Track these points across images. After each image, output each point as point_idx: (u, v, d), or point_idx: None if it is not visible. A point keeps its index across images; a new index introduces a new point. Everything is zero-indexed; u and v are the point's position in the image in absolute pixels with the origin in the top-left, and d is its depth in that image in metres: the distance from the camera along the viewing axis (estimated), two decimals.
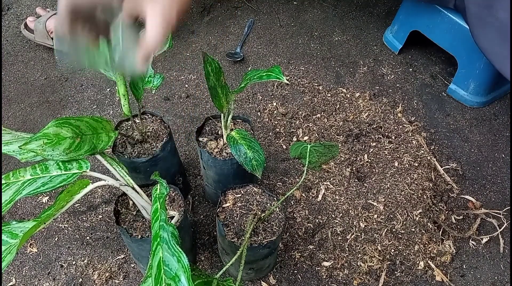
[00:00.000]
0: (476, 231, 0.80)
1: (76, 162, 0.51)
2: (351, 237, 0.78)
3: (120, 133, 0.69)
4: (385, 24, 1.18)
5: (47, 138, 0.48)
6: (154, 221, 0.44)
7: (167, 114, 0.99)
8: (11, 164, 0.91)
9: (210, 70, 0.57)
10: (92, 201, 0.85)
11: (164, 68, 1.09)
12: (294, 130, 0.95)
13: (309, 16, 1.23)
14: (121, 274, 0.75)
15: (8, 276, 0.75)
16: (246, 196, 0.66)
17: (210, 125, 0.73)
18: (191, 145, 0.94)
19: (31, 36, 1.13)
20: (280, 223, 0.62)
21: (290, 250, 0.77)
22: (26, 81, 1.08)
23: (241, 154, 0.61)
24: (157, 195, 0.48)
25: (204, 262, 0.77)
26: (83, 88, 1.06)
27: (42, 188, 0.48)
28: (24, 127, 0.98)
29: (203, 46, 1.15)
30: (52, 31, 1.09)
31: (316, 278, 0.75)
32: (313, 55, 1.12)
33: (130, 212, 0.62)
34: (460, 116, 0.99)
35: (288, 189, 0.85)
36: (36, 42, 1.14)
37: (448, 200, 0.84)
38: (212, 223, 0.82)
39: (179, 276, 0.39)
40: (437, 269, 0.75)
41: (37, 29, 1.11)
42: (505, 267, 0.77)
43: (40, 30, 1.11)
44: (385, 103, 1.00)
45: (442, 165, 0.89)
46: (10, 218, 0.83)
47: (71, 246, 0.79)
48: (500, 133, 0.96)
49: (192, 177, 0.89)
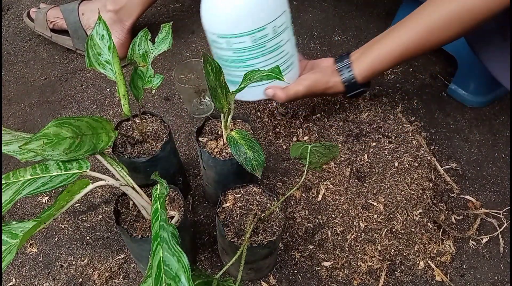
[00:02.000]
0: (476, 231, 0.80)
1: (76, 162, 0.51)
2: (351, 237, 0.78)
3: (120, 133, 0.69)
4: (385, 24, 1.18)
5: (47, 138, 0.48)
6: (154, 221, 0.44)
7: (167, 114, 0.99)
8: (11, 164, 0.91)
9: (210, 70, 0.57)
10: (92, 201, 0.85)
11: (164, 68, 1.09)
12: (294, 130, 0.95)
13: (309, 16, 1.23)
14: (121, 274, 0.75)
15: (8, 276, 0.75)
16: (246, 196, 0.66)
17: (210, 125, 0.73)
18: (191, 145, 0.94)
19: (31, 25, 1.14)
20: (280, 223, 0.62)
21: (290, 250, 0.77)
22: (26, 81, 1.08)
23: (241, 154, 0.61)
24: (157, 195, 0.48)
25: (204, 262, 0.77)
26: (83, 88, 1.06)
27: (42, 188, 0.48)
28: (24, 127, 0.98)
29: (203, 46, 1.15)
30: (52, 21, 1.09)
31: (316, 278, 0.75)
32: (313, 55, 1.12)
33: (130, 212, 0.62)
34: (460, 116, 0.99)
35: (288, 189, 0.85)
36: (35, 32, 1.14)
37: (448, 200, 0.84)
38: (212, 223, 0.82)
39: (180, 276, 0.39)
40: (437, 269, 0.75)
41: (37, 18, 1.11)
42: (505, 267, 0.77)
43: (40, 19, 1.11)
44: (385, 103, 1.00)
45: (442, 165, 0.89)
46: (10, 218, 0.83)
47: (71, 246, 0.79)
48: (500, 133, 0.96)
49: (192, 177, 0.89)
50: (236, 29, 0.70)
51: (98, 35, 0.61)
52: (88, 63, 0.60)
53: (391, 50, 0.73)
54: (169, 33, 0.64)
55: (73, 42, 1.11)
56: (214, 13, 0.72)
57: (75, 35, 1.09)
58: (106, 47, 0.60)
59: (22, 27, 1.22)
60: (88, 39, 0.61)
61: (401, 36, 0.71)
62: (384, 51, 0.74)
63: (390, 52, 0.73)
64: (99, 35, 0.61)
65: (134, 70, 0.64)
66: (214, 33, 0.73)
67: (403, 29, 0.71)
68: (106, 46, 0.60)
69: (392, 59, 0.73)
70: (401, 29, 0.72)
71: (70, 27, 1.08)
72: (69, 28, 1.09)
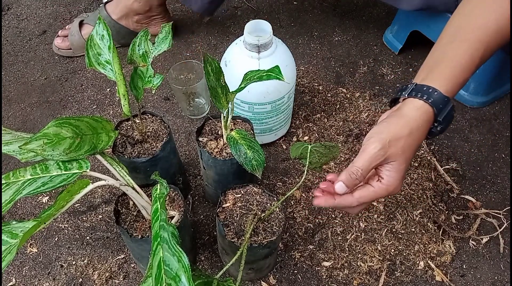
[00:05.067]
0: (476, 231, 0.80)
1: (76, 162, 0.51)
2: (351, 237, 0.78)
3: (120, 133, 0.69)
4: (385, 24, 1.18)
5: (47, 138, 0.48)
6: (154, 221, 0.44)
7: (167, 114, 0.99)
8: (11, 164, 0.91)
9: (210, 70, 0.57)
10: (92, 201, 0.85)
11: (164, 68, 1.09)
12: (294, 130, 0.95)
13: (309, 16, 1.23)
14: (121, 274, 0.75)
15: (8, 276, 0.75)
16: (246, 196, 0.66)
17: (210, 125, 0.73)
18: (191, 145, 0.94)
19: (69, 53, 1.12)
20: (280, 223, 0.62)
21: (290, 250, 0.77)
22: (26, 81, 1.08)
23: (241, 154, 0.61)
24: (157, 195, 0.48)
25: (204, 262, 0.77)
26: (83, 88, 1.06)
27: (42, 188, 0.48)
28: (24, 127, 0.98)
29: (203, 46, 1.15)
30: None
31: (316, 278, 0.75)
32: (313, 55, 1.12)
33: (130, 212, 0.62)
34: (460, 116, 0.99)
35: (288, 189, 0.85)
36: (76, 55, 1.12)
37: (448, 200, 0.84)
38: (212, 223, 0.82)
39: (180, 276, 0.39)
40: (437, 269, 0.75)
41: (73, 43, 1.10)
42: (505, 267, 0.77)
43: (76, 42, 1.09)
44: (385, 103, 1.00)
45: (442, 165, 0.89)
46: (10, 218, 0.83)
47: (71, 246, 0.79)
48: (500, 133, 0.96)
49: (192, 177, 0.89)
50: (263, 99, 0.78)
51: (98, 35, 0.61)
52: (88, 63, 0.60)
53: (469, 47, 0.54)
54: (169, 33, 0.64)
55: (118, 43, 1.10)
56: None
57: (117, 37, 1.09)
58: (106, 47, 0.60)
59: (22, 27, 1.22)
60: (88, 39, 0.61)
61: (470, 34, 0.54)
62: (460, 52, 0.54)
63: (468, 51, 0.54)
64: (99, 35, 0.60)
65: (134, 70, 0.64)
66: (238, 99, 0.79)
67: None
68: (106, 46, 0.60)
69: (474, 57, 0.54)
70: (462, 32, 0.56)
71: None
72: None
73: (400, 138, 0.51)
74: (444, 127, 0.54)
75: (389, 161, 0.51)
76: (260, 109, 0.80)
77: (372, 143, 0.51)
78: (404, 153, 0.51)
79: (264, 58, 0.75)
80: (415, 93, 0.52)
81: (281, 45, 0.78)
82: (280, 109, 0.82)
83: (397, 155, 0.51)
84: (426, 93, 0.52)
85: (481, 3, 0.56)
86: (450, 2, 0.87)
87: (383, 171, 0.52)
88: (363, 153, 0.51)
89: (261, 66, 0.74)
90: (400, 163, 0.51)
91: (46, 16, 1.25)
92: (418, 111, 0.52)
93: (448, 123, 0.54)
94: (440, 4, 0.89)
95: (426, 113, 0.52)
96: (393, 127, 0.51)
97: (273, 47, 0.75)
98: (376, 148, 0.50)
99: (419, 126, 0.51)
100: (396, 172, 0.52)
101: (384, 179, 0.52)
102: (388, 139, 0.50)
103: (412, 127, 0.51)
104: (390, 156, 0.51)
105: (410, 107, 0.52)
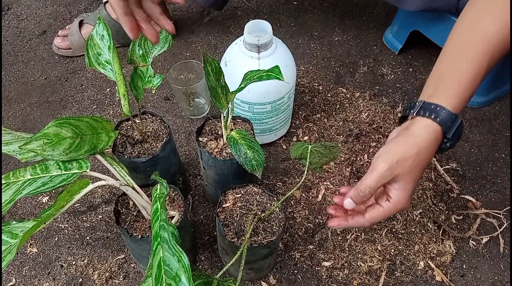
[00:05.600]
0: (476, 231, 0.80)
1: (76, 162, 0.51)
2: (351, 237, 0.78)
3: (120, 133, 0.69)
4: (385, 24, 1.18)
5: (47, 138, 0.48)
6: (154, 221, 0.44)
7: (167, 114, 0.99)
8: (11, 164, 0.91)
9: (210, 70, 0.57)
10: (92, 201, 0.85)
11: (164, 68, 1.09)
12: (294, 130, 0.95)
13: (309, 16, 1.23)
14: (121, 274, 0.75)
15: (8, 276, 0.75)
16: (246, 196, 0.66)
17: (210, 125, 0.73)
18: (191, 145, 0.94)
19: (69, 53, 1.11)
20: (280, 223, 0.62)
21: (290, 250, 0.77)
22: (26, 81, 1.08)
23: (241, 154, 0.61)
24: (157, 195, 0.48)
25: (204, 262, 0.77)
26: (83, 88, 1.06)
27: (42, 188, 0.48)
28: (24, 127, 0.98)
29: (203, 46, 1.15)
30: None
31: (316, 278, 0.75)
32: (313, 55, 1.12)
33: (130, 212, 0.62)
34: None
35: (288, 189, 0.85)
36: (76, 55, 1.12)
37: (448, 200, 0.84)
38: (212, 223, 0.82)
39: (180, 276, 0.39)
40: (437, 269, 0.75)
41: (73, 42, 1.09)
42: (505, 267, 0.77)
43: (76, 41, 1.09)
44: (385, 103, 1.00)
45: (442, 165, 0.89)
46: (10, 218, 0.83)
47: (71, 246, 0.79)
48: (500, 133, 0.96)
49: (192, 177, 0.89)
50: (263, 99, 0.78)
51: (98, 35, 0.61)
52: (88, 63, 0.60)
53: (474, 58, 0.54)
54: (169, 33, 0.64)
55: (118, 42, 1.10)
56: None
57: (117, 37, 1.08)
58: (106, 47, 0.60)
59: (22, 27, 1.22)
60: (88, 39, 0.61)
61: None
62: (465, 65, 0.54)
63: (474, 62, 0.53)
64: (99, 35, 0.60)
65: (134, 70, 0.64)
66: (238, 99, 0.80)
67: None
68: (106, 46, 0.60)
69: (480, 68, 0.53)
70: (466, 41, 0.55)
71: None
72: None
73: (408, 158, 0.51)
74: (453, 143, 0.54)
75: (397, 180, 0.52)
76: (260, 109, 0.80)
77: (380, 163, 0.52)
78: (412, 172, 0.52)
79: (264, 58, 0.75)
80: (423, 111, 0.52)
81: (281, 45, 0.78)
82: (280, 109, 0.82)
83: (404, 174, 0.52)
84: (434, 112, 0.52)
85: (484, 10, 0.55)
86: (451, 4, 0.87)
87: (391, 190, 0.53)
88: (371, 172, 0.52)
89: (261, 66, 0.74)
90: (408, 182, 0.52)
91: (46, 16, 1.25)
92: (426, 130, 0.52)
93: (457, 139, 0.54)
94: (442, 6, 0.89)
95: (434, 132, 0.52)
96: (400, 147, 0.52)
97: (273, 47, 0.75)
98: (383, 168, 0.51)
99: (427, 145, 0.52)
100: (404, 191, 0.53)
101: (392, 198, 0.53)
102: (396, 159, 0.51)
103: (420, 147, 0.51)
104: (397, 175, 0.52)
105: (418, 126, 0.52)
